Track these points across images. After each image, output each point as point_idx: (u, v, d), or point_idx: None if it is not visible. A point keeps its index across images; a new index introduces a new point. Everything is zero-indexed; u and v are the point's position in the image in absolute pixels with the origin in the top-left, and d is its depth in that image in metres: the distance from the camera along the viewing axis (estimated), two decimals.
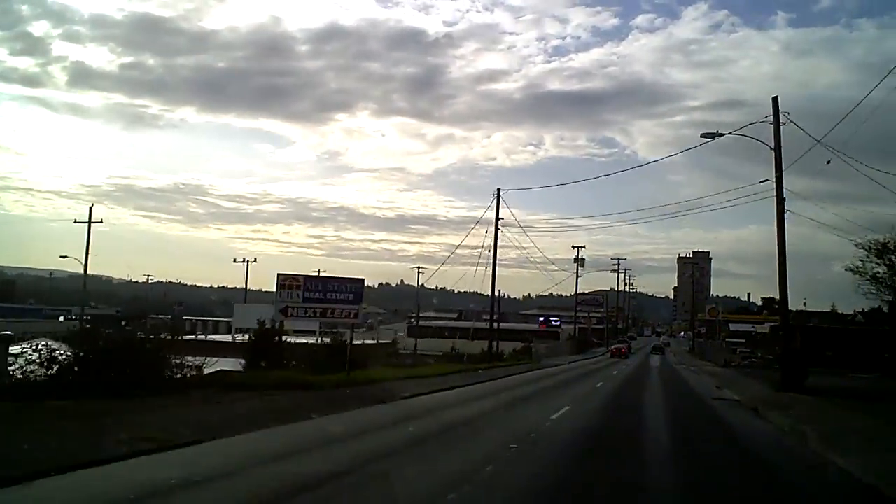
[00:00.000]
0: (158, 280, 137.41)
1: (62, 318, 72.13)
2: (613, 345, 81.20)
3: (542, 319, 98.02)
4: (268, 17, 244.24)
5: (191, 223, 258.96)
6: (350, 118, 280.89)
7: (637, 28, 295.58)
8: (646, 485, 8.91)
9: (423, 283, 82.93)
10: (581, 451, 11.34)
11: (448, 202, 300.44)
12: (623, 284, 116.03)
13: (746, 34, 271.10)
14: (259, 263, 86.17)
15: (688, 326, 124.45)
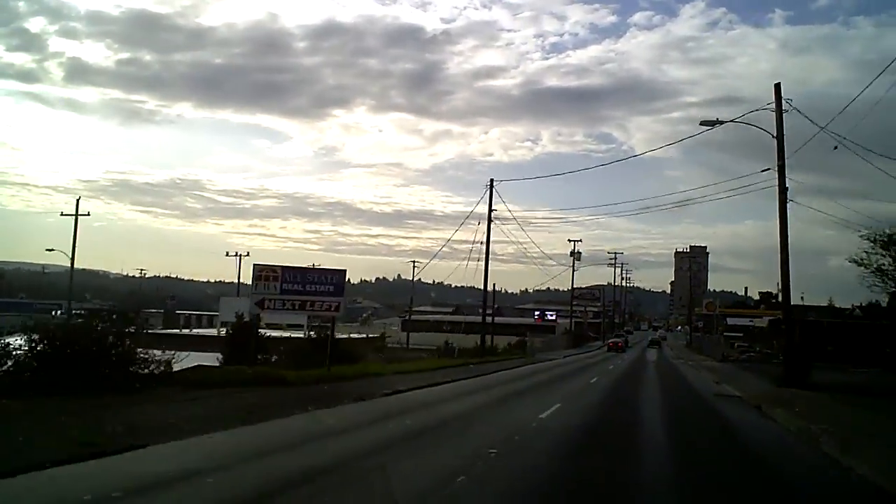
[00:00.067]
0: (155, 275, 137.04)
1: (57, 313, 71.16)
2: (610, 339, 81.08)
3: (538, 314, 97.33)
4: (265, 14, 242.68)
5: (188, 218, 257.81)
6: (347, 114, 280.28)
7: (635, 25, 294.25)
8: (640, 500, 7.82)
9: (420, 278, 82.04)
10: (570, 457, 10.10)
11: (445, 197, 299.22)
12: (620, 279, 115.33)
13: (744, 31, 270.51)
14: (255, 258, 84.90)
15: (685, 321, 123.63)
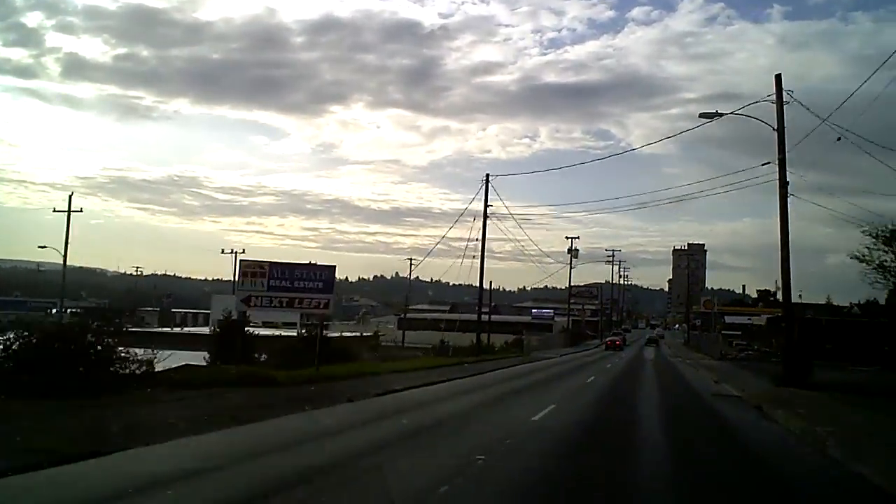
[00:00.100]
0: (153, 273, 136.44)
1: (52, 311, 70.56)
2: (608, 337, 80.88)
3: (535, 312, 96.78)
4: (263, 9, 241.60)
5: (185, 215, 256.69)
6: (345, 110, 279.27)
7: (633, 20, 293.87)
8: None
9: (419, 276, 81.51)
10: (562, 466, 9.43)
11: (443, 195, 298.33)
12: (618, 276, 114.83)
13: (742, 27, 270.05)
14: (252, 256, 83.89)
15: (682, 319, 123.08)
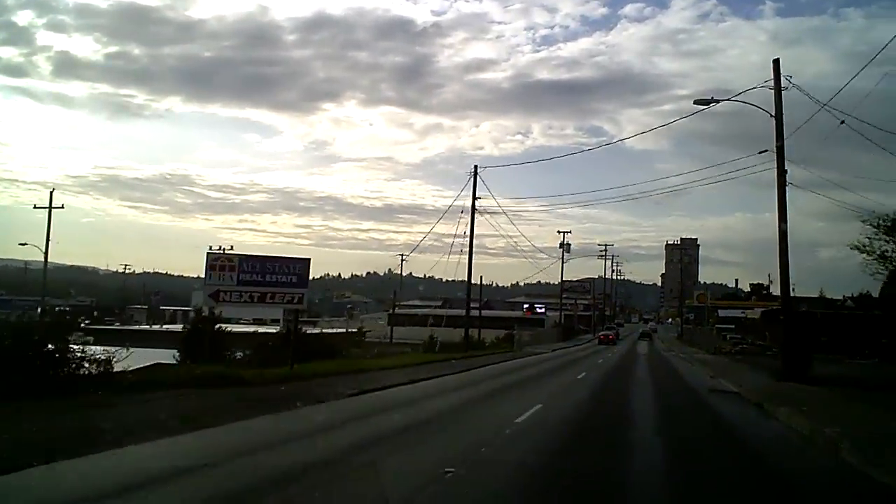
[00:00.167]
0: (145, 271, 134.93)
1: (39, 310, 68.88)
2: (601, 332, 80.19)
3: (527, 307, 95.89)
4: (255, 6, 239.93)
5: (177, 213, 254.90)
6: (337, 108, 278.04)
7: (625, 17, 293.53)
8: None
9: (412, 272, 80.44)
10: (543, 482, 8.02)
11: (436, 191, 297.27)
12: (610, 271, 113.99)
13: (735, 23, 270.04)
14: (246, 253, 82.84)
15: (675, 313, 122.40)
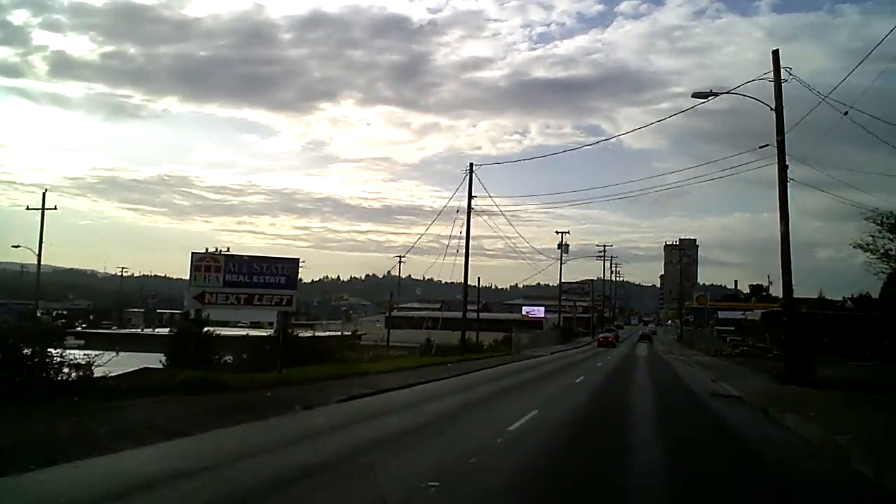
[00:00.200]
0: (144, 273, 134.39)
1: (38, 314, 68.33)
2: (601, 334, 79.46)
3: (526, 309, 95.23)
4: (251, 5, 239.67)
5: (176, 215, 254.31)
6: (335, 107, 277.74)
7: (622, 14, 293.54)
8: None
9: (411, 275, 79.76)
10: (534, 500, 7.27)
11: (434, 192, 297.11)
12: (609, 272, 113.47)
13: (731, 20, 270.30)
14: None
15: (675, 315, 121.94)
